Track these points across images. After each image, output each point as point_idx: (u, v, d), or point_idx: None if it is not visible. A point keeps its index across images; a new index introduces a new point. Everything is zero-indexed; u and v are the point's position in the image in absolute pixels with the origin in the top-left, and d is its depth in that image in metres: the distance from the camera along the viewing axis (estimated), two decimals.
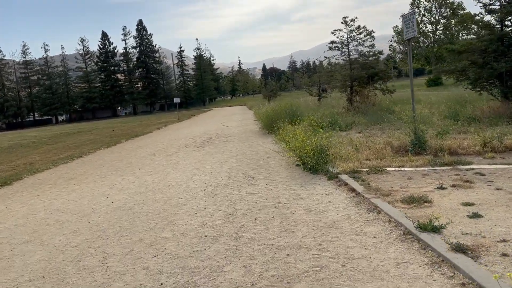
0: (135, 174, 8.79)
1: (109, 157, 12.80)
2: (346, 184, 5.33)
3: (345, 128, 11.44)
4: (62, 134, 31.08)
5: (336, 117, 13.16)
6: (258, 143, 11.72)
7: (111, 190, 7.18)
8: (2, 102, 71.58)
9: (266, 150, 10.01)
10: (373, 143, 8.01)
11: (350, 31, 15.20)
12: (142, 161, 10.83)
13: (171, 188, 6.71)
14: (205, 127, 21.43)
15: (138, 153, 12.95)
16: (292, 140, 7.96)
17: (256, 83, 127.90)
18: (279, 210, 4.62)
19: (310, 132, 7.68)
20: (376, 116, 12.43)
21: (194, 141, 14.53)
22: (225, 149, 11.18)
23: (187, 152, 11.52)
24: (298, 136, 7.18)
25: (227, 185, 6.40)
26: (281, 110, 14.50)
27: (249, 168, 7.75)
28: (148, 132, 23.22)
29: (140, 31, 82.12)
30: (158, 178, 7.81)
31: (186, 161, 9.75)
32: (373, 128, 10.94)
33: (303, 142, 6.76)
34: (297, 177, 6.42)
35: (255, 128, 16.89)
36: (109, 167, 10.45)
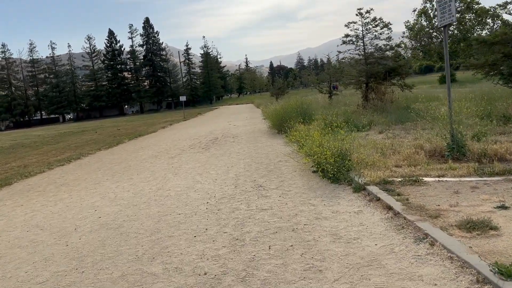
0: (132, 180, 7.93)
1: (108, 159, 12.00)
2: (378, 199, 4.36)
3: (363, 128, 10.43)
4: (66, 133, 30.54)
5: (352, 115, 12.15)
6: (267, 144, 10.79)
7: (102, 201, 6.32)
8: (10, 101, 71.79)
9: (276, 153, 9.07)
10: (400, 146, 7.02)
11: (366, 23, 14.15)
12: (142, 164, 9.98)
13: (169, 199, 5.81)
14: (211, 126, 20.57)
15: (139, 154, 12.12)
16: (307, 142, 7.00)
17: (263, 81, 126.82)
18: (298, 234, 3.68)
19: (329, 134, 6.71)
20: (397, 114, 11.39)
21: (199, 142, 13.65)
22: (232, 151, 10.27)
23: (190, 155, 10.64)
24: (315, 138, 6.22)
25: (234, 196, 5.48)
26: (292, 109, 13.53)
27: (258, 175, 6.83)
28: (152, 131, 22.45)
29: (147, 29, 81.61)
30: (156, 186, 6.93)
31: (189, 165, 8.86)
32: (395, 128, 9.91)
33: (322, 147, 5.80)
34: (316, 187, 5.47)
35: (263, 127, 15.96)
36: (106, 171, 9.62)
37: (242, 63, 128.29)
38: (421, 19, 41.96)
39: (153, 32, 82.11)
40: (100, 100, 77.50)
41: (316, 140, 6.11)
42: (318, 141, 6.10)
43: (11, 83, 74.27)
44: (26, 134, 35.56)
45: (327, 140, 6.32)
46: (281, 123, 13.08)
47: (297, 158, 7.82)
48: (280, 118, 13.18)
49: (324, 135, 6.68)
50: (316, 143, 6.04)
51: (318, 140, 6.15)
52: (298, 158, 7.73)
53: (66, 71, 77.72)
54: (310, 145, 6.37)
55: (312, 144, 6.13)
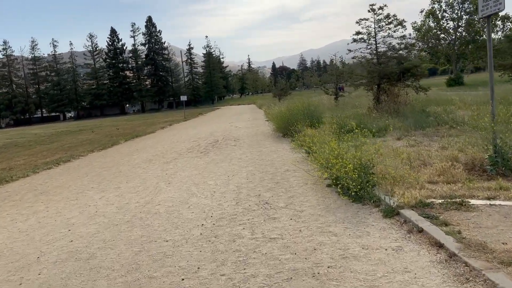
0: (119, 189, 6.99)
1: (99, 162, 11.07)
2: (421, 231, 3.40)
3: (378, 133, 9.45)
4: (63, 132, 29.69)
5: (364, 119, 11.18)
6: (272, 150, 9.83)
7: (80, 217, 5.38)
8: (10, 98, 71.14)
9: (283, 160, 8.12)
10: (428, 157, 6.05)
11: (378, 20, 13.18)
12: (134, 170, 9.04)
13: (158, 218, 4.86)
14: (212, 128, 19.64)
15: (132, 158, 11.20)
16: (320, 150, 6.05)
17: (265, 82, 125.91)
18: (322, 285, 2.72)
19: (346, 141, 5.74)
20: (415, 118, 10.41)
21: (198, 145, 12.72)
22: (233, 157, 9.32)
23: (188, 159, 9.70)
24: (332, 147, 5.26)
25: (235, 217, 4.53)
26: (298, 111, 12.58)
27: (263, 188, 5.87)
28: (150, 132, 21.54)
29: (149, 27, 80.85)
30: (145, 199, 5.98)
31: (185, 173, 7.92)
32: (414, 133, 8.93)
33: (341, 158, 4.84)
34: (334, 207, 4.51)
35: (266, 129, 15.02)
36: (94, 176, 8.69)
37: (244, 63, 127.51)
38: (429, 20, 40.96)
39: (156, 31, 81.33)
40: (101, 98, 76.76)
41: (334, 149, 5.15)
42: (335, 150, 5.13)
43: (12, 81, 73.63)
44: (24, 133, 34.74)
45: (344, 149, 5.37)
46: (286, 126, 12.14)
47: (306, 167, 6.87)
48: (285, 121, 12.23)
49: (340, 142, 5.72)
50: (333, 153, 5.07)
51: (336, 149, 5.18)
52: (308, 167, 6.78)
53: (67, 69, 77.01)
54: (325, 154, 5.40)
55: (328, 154, 5.17)
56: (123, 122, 38.86)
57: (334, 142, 5.34)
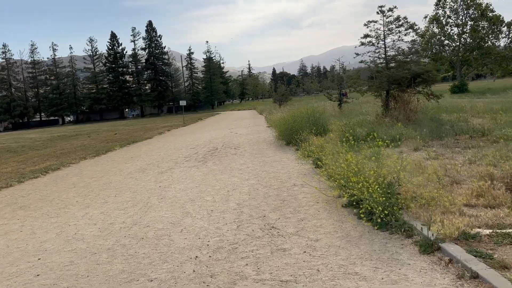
0: (106, 204, 6.24)
1: (89, 171, 10.32)
2: (475, 277, 2.64)
3: (391, 143, 8.69)
4: (59, 137, 28.97)
5: (373, 127, 10.45)
6: (275, 160, 9.09)
7: (56, 240, 4.62)
8: (9, 102, 70.56)
9: (288, 172, 7.37)
10: (456, 172, 5.31)
11: (388, 22, 12.53)
12: (125, 181, 8.29)
13: (144, 245, 4.10)
14: (211, 134, 18.92)
15: (126, 167, 10.45)
16: (334, 163, 5.31)
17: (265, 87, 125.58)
18: None
19: (364, 152, 4.99)
20: (430, 127, 9.68)
21: (195, 152, 11.98)
22: (234, 167, 8.58)
23: (184, 169, 8.95)
24: (350, 161, 4.51)
25: (235, 246, 3.77)
26: (302, 117, 11.87)
27: (268, 207, 5.12)
28: (148, 137, 20.82)
29: (150, 32, 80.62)
30: (133, 218, 5.23)
31: (180, 185, 7.17)
32: (432, 144, 8.19)
33: (362, 175, 4.10)
34: (355, 235, 3.76)
35: (268, 136, 14.29)
36: (81, 188, 7.93)
37: (245, 68, 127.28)
38: (433, 26, 40.47)
39: (156, 35, 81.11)
40: (100, 103, 76.22)
41: (351, 163, 4.40)
42: (354, 165, 4.39)
43: (11, 84, 73.12)
44: (19, 137, 34.02)
45: (362, 162, 4.62)
46: (290, 133, 11.43)
47: (316, 182, 6.12)
48: (289, 128, 11.52)
49: (355, 153, 4.97)
50: (351, 168, 4.33)
51: (354, 163, 4.44)
52: (319, 183, 6.03)
53: (67, 73, 76.57)
54: (341, 170, 4.66)
55: (346, 170, 4.42)
56: (121, 126, 38.17)
57: (350, 154, 4.59)
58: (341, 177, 4.49)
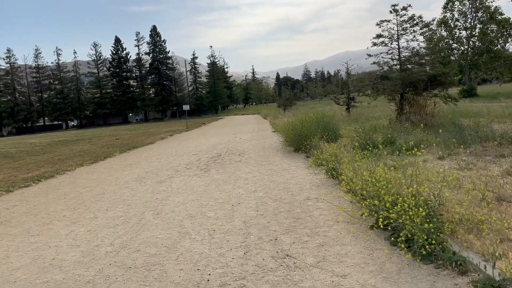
0: (95, 220, 5.53)
1: (84, 180, 9.64)
2: None
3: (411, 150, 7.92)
4: (60, 142, 28.45)
5: (388, 132, 9.68)
6: (284, 168, 8.36)
7: (29, 267, 3.91)
8: (13, 106, 70.53)
9: (299, 182, 6.63)
10: (500, 187, 4.54)
11: (401, 22, 11.82)
12: (120, 191, 7.59)
13: (131, 278, 3.37)
14: (214, 139, 18.24)
15: (123, 175, 9.76)
16: (354, 175, 4.58)
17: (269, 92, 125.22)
18: None
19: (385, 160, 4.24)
20: (452, 133, 8.91)
21: (198, 159, 11.28)
22: (238, 176, 7.85)
23: (185, 179, 8.24)
24: (379, 176, 3.77)
25: (243, 284, 3.03)
26: (311, 122, 11.15)
27: (280, 226, 4.39)
28: (149, 143, 20.19)
29: (154, 37, 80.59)
30: (122, 239, 4.51)
31: (179, 197, 6.45)
32: (457, 151, 7.41)
33: (400, 196, 3.35)
34: (392, 269, 3.01)
35: (274, 142, 13.57)
36: (71, 199, 7.24)
37: (248, 73, 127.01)
38: (441, 29, 39.68)
39: (160, 40, 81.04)
40: (104, 107, 76.04)
41: (381, 180, 3.66)
42: (383, 181, 3.64)
43: (15, 89, 73.18)
44: (20, 142, 33.58)
45: (394, 177, 3.88)
46: (298, 139, 10.71)
47: (332, 194, 5.39)
48: (297, 134, 10.79)
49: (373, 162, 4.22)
50: (384, 186, 3.58)
51: (384, 179, 3.69)
52: (334, 194, 5.30)
53: (71, 78, 76.58)
54: (372, 188, 3.92)
55: (377, 188, 3.67)
56: (124, 131, 37.66)
57: (380, 168, 3.84)
58: (368, 193, 3.74)
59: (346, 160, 5.34)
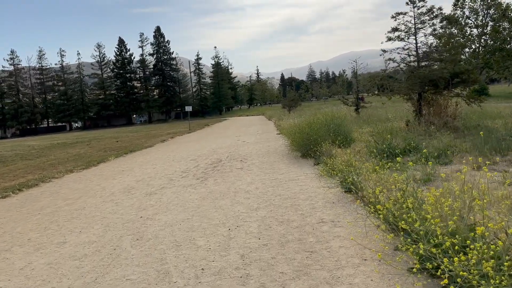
0: (61, 247, 4.54)
1: (68, 190, 8.69)
2: None
3: (439, 156, 6.84)
4: (59, 144, 27.69)
5: (408, 136, 8.58)
6: (291, 177, 7.32)
7: None
8: (16, 108, 70.33)
9: (310, 198, 5.59)
10: None
11: (419, 14, 10.73)
12: (103, 206, 6.61)
13: None
14: (216, 142, 17.25)
15: (111, 184, 8.79)
16: (383, 196, 3.54)
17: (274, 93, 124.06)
18: None
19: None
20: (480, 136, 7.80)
21: (196, 165, 10.29)
22: (238, 188, 6.84)
23: (178, 190, 7.24)
24: (426, 201, 2.72)
25: None
26: (321, 125, 10.09)
27: (289, 266, 3.35)
28: (149, 146, 19.27)
29: (158, 38, 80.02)
30: (85, 280, 3.50)
31: (167, 216, 5.44)
32: (493, 159, 6.31)
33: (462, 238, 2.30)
34: None
35: (279, 146, 12.53)
36: (46, 216, 6.27)
37: (253, 74, 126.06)
38: (451, 27, 38.31)
39: (164, 41, 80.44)
40: (108, 109, 75.62)
41: (429, 209, 2.60)
42: (432, 211, 2.58)
43: (19, 90, 72.99)
44: (19, 144, 32.92)
45: (445, 204, 2.83)
46: (306, 143, 9.65)
47: (351, 213, 4.36)
48: (305, 137, 9.74)
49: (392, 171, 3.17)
50: (436, 221, 2.52)
51: (429, 205, 2.64)
52: (354, 215, 4.26)
53: (74, 79, 76.22)
54: (409, 216, 2.87)
55: (432, 225, 2.62)
56: (125, 133, 36.88)
57: (431, 194, 2.78)
58: (411, 227, 2.69)
59: (367, 170, 4.28)
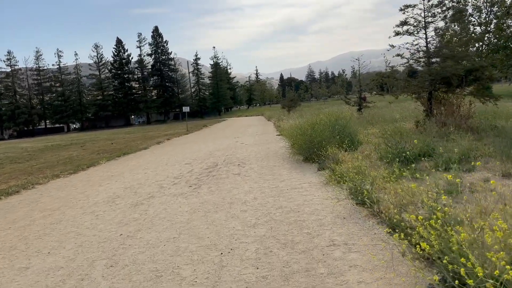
0: (21, 275, 3.78)
1: (48, 198, 7.92)
2: None
3: (459, 162, 6.09)
4: (53, 146, 26.92)
5: (424, 140, 7.83)
6: (293, 185, 6.56)
7: None
8: (13, 109, 69.53)
9: (317, 211, 4.84)
10: None
11: (430, 6, 9.99)
12: (81, 219, 5.85)
13: None
14: (213, 144, 16.50)
15: (96, 192, 8.03)
16: (417, 222, 2.79)
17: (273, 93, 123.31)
18: None
19: None
20: (500, 139, 7.05)
21: (190, 170, 9.53)
22: (235, 198, 6.08)
23: (167, 200, 6.49)
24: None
25: None
26: (325, 126, 9.34)
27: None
28: (143, 148, 18.51)
29: (156, 38, 79.31)
30: None
31: (150, 234, 4.69)
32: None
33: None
34: None
35: (279, 148, 11.79)
36: (15, 232, 5.51)
37: (252, 74, 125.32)
38: (454, 25, 37.55)
39: (162, 41, 79.73)
40: (106, 109, 74.84)
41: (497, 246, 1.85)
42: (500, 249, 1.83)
43: (16, 91, 72.17)
44: (13, 146, 32.14)
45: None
46: (309, 146, 8.91)
47: (367, 231, 3.61)
48: (308, 140, 8.99)
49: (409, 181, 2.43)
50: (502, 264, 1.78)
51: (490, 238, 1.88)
52: (371, 234, 3.51)
53: (72, 80, 75.41)
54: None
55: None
56: (122, 134, 36.11)
57: (498, 231, 2.03)
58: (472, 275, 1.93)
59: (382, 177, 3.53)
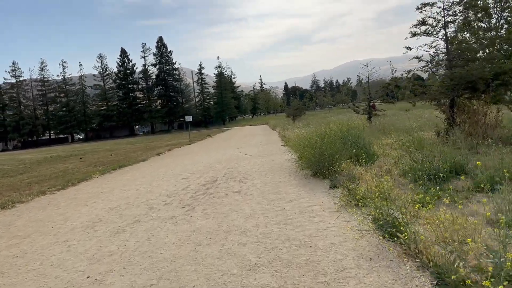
0: None
1: (25, 220, 7.00)
2: None
3: (505, 181, 5.06)
4: (52, 158, 26.20)
5: (452, 154, 6.80)
6: (302, 208, 5.57)
7: None
8: (18, 120, 69.50)
9: (333, 246, 3.84)
10: None
11: (450, 4, 9.09)
12: (49, 251, 4.91)
13: None
14: (215, 155, 15.57)
15: (79, 213, 7.10)
16: None
17: (278, 102, 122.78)
18: None
19: None
20: None
21: (186, 187, 8.58)
22: (233, 225, 5.10)
23: (154, 226, 5.52)
24: None
25: None
26: (335, 136, 8.37)
27: None
28: (142, 159, 17.65)
29: (160, 48, 79.40)
30: None
31: (124, 278, 3.72)
32: None
33: None
34: None
35: (285, 161, 10.81)
36: None
37: (256, 84, 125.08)
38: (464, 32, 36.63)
39: (166, 51, 79.76)
40: (110, 120, 74.55)
41: None
42: None
43: (20, 102, 72.31)
44: (12, 158, 31.54)
45: None
46: (319, 160, 7.91)
47: (405, 283, 2.60)
48: (317, 152, 8.00)
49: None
50: None
51: None
52: (411, 286, 2.50)
53: (76, 91, 75.50)
54: None
55: None
56: (123, 145, 35.41)
57: None
58: None
59: (413, 202, 2.54)
